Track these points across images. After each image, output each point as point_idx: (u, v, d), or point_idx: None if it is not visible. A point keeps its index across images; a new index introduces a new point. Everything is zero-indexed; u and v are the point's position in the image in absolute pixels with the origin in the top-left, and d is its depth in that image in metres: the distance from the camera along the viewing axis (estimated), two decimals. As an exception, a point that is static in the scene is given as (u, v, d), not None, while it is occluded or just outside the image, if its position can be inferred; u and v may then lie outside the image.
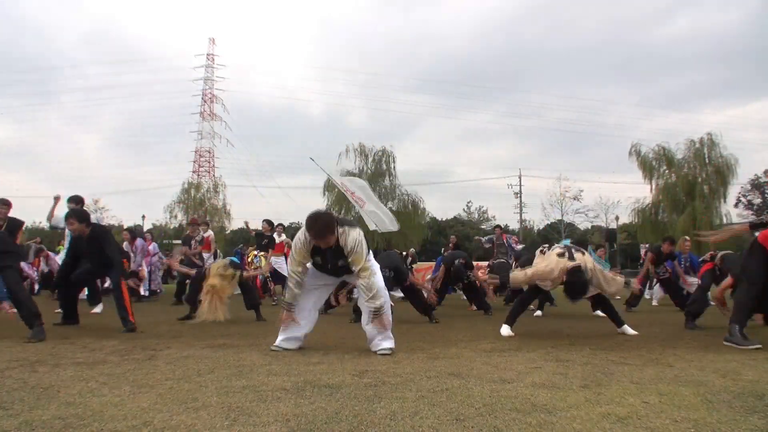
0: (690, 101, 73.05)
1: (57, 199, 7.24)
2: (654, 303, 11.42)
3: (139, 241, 10.29)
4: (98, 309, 6.95)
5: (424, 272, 16.67)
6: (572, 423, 1.95)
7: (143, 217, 35.65)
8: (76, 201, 7.23)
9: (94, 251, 5.22)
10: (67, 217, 5.27)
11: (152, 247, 11.46)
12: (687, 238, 9.46)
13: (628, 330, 4.86)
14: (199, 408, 2.13)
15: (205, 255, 9.82)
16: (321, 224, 3.57)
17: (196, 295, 6.35)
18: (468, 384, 2.59)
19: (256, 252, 8.96)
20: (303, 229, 3.69)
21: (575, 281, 4.58)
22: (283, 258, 10.88)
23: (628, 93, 73.35)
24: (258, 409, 2.11)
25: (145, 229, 12.53)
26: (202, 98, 45.97)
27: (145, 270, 10.46)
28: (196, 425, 1.90)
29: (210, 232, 10.17)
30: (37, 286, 11.28)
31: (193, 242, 9.72)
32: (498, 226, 14.67)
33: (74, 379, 2.68)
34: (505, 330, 4.83)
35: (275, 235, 10.58)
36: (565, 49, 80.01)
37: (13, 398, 2.28)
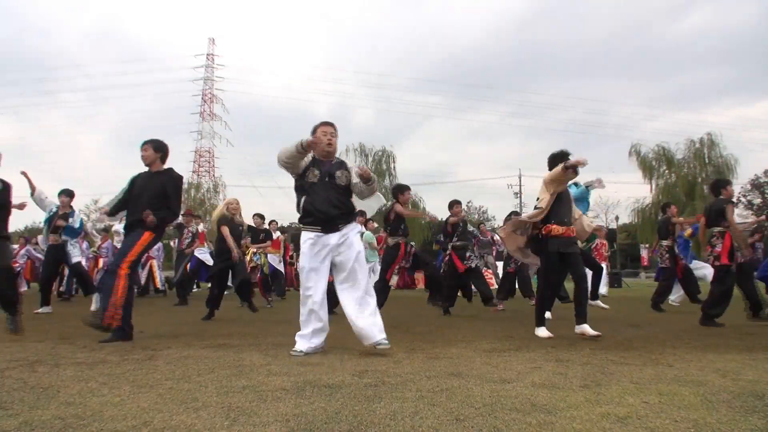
0: (698, 100, 73.11)
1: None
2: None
3: None
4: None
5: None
6: (572, 423, 1.95)
7: (143, 216, 35.58)
8: (68, 194, 7.27)
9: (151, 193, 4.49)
10: (143, 144, 4.59)
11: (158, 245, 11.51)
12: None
13: (543, 332, 4.75)
14: (199, 408, 2.13)
15: (203, 249, 9.82)
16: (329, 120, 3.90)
17: (218, 301, 6.43)
18: (468, 384, 2.59)
19: (254, 249, 8.97)
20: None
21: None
22: (278, 255, 10.89)
23: (635, 93, 73.43)
24: (258, 409, 2.10)
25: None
26: (202, 98, 46.00)
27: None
28: (196, 425, 1.90)
29: (202, 226, 10.19)
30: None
31: (185, 231, 9.71)
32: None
33: (74, 379, 2.68)
34: (542, 332, 4.67)
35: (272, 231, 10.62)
36: (573, 49, 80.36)
37: (13, 398, 2.28)
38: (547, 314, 7.15)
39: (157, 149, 4.60)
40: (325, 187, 3.79)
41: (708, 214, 6.06)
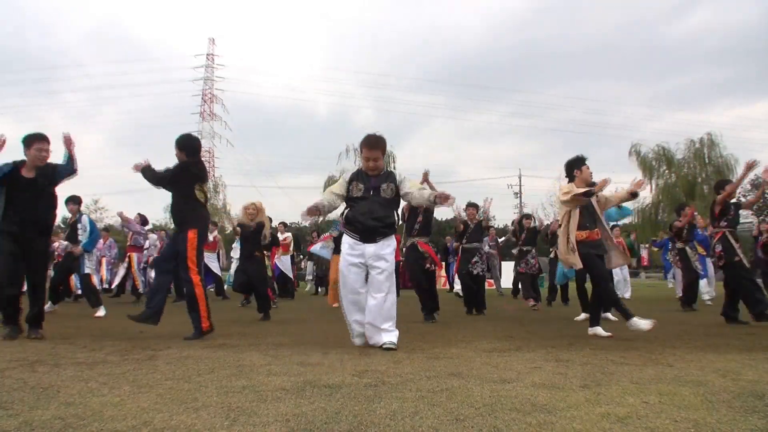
0: (698, 100, 72.96)
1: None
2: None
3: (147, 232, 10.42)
4: (101, 312, 6.89)
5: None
6: (572, 423, 1.94)
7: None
8: (75, 201, 7.24)
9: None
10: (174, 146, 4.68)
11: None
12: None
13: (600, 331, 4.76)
14: (199, 408, 2.13)
15: (211, 255, 9.83)
16: (376, 136, 4.00)
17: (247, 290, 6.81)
18: (468, 384, 2.59)
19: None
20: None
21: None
22: (288, 257, 10.84)
23: (635, 93, 73.30)
24: (258, 409, 2.10)
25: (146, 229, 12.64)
26: (202, 98, 45.94)
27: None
28: (196, 425, 1.90)
29: (216, 233, 10.19)
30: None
31: None
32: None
33: (74, 379, 2.68)
34: (599, 330, 4.75)
35: (278, 234, 10.53)
36: (574, 49, 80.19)
37: (13, 398, 2.28)
38: (580, 316, 7.13)
39: (181, 148, 4.68)
40: (370, 201, 3.93)
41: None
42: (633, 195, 4.72)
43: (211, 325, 4.46)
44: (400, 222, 5.93)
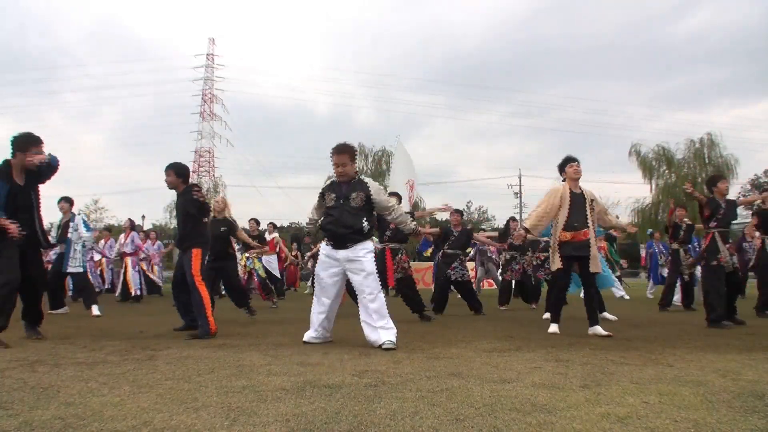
0: (698, 100, 72.86)
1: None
2: (649, 295, 11.52)
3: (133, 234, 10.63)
4: (96, 311, 6.89)
5: (423, 273, 16.62)
6: (572, 423, 1.94)
7: (143, 217, 35.70)
8: (67, 201, 7.28)
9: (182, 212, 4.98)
10: (166, 169, 4.93)
11: (157, 245, 11.57)
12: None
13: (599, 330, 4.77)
14: (199, 408, 2.13)
15: None
16: (344, 143, 4.16)
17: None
18: (468, 384, 2.59)
19: (248, 254, 8.91)
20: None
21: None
22: (274, 257, 10.87)
23: (635, 93, 73.22)
24: (258, 409, 2.10)
25: (145, 229, 12.61)
26: (202, 98, 45.97)
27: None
28: (196, 425, 1.90)
29: None
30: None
31: None
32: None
33: (74, 379, 2.68)
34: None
35: (266, 234, 10.57)
36: (574, 49, 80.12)
37: (13, 398, 2.28)
38: (545, 315, 7.16)
39: (179, 174, 4.93)
40: (339, 209, 4.04)
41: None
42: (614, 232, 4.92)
43: (216, 328, 4.62)
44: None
